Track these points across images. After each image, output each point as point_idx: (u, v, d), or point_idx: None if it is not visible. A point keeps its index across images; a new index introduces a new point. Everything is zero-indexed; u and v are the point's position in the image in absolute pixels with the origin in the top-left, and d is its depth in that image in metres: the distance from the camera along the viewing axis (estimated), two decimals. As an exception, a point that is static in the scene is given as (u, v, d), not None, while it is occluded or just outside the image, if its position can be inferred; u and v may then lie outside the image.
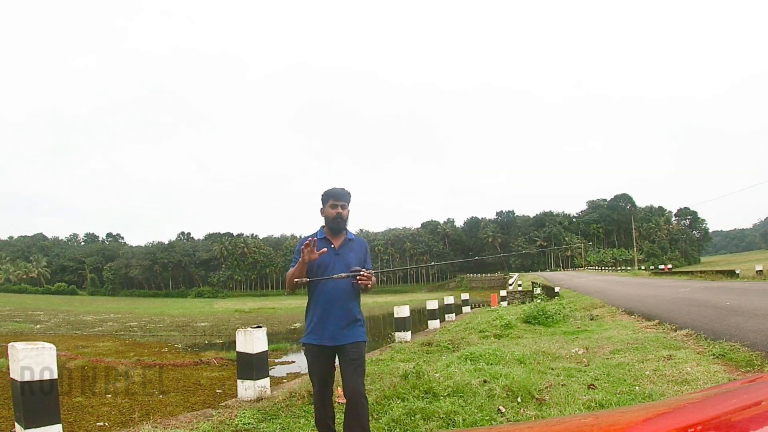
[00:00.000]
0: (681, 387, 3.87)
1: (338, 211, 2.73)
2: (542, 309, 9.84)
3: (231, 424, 3.63)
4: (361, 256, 2.78)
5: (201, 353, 12.31)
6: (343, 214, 2.75)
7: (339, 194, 2.74)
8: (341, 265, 2.66)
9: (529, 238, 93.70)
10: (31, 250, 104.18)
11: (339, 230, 2.76)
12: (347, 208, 2.78)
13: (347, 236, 2.79)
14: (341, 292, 2.66)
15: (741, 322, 6.81)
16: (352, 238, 2.81)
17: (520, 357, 5.35)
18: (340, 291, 2.65)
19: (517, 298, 21.30)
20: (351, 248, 2.77)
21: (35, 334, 19.26)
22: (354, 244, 2.79)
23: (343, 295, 2.66)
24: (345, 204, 2.76)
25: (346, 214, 2.77)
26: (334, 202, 2.74)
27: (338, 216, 2.73)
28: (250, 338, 4.57)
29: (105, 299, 70.09)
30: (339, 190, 2.76)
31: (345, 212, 2.76)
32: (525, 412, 3.51)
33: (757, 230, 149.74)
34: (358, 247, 2.80)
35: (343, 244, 2.76)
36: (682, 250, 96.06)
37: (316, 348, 2.68)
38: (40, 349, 3.09)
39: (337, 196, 2.74)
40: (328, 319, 2.65)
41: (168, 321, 27.05)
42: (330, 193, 2.75)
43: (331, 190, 2.75)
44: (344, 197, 2.76)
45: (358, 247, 2.80)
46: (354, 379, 2.62)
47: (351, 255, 2.73)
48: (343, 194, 2.75)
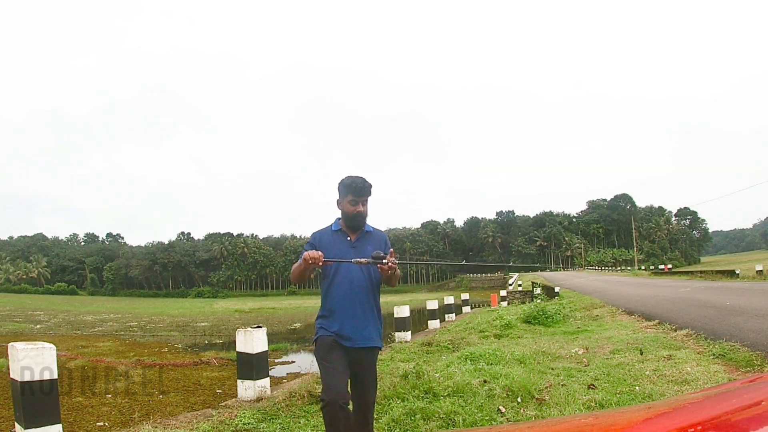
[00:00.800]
0: (681, 387, 3.86)
1: (358, 210, 2.44)
2: (542, 309, 9.84)
3: (231, 424, 3.62)
4: (380, 249, 2.47)
5: (201, 353, 12.31)
6: (363, 212, 2.47)
7: (360, 189, 2.43)
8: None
9: (529, 238, 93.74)
10: (31, 250, 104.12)
11: (358, 228, 2.50)
12: (367, 203, 2.50)
13: (365, 228, 2.52)
14: (359, 288, 2.40)
15: (741, 322, 6.81)
16: (370, 230, 2.54)
17: (520, 357, 5.35)
18: (357, 286, 2.40)
19: (517, 298, 21.28)
20: (369, 240, 2.49)
21: (35, 334, 19.27)
22: (372, 237, 2.52)
23: (362, 291, 2.41)
24: (366, 200, 2.49)
25: (366, 211, 2.49)
26: (354, 198, 2.44)
27: (358, 215, 2.45)
28: (250, 338, 4.57)
29: (105, 299, 70.11)
30: (360, 183, 2.43)
31: (365, 208, 2.48)
32: (525, 412, 3.51)
33: (757, 230, 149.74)
34: (376, 240, 2.52)
35: (359, 237, 2.50)
36: (682, 250, 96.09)
37: (331, 340, 2.40)
38: (40, 349, 3.09)
39: (358, 191, 2.43)
40: (344, 318, 2.39)
41: (168, 321, 27.06)
42: (350, 187, 2.43)
43: (352, 183, 2.43)
44: (365, 192, 2.46)
45: (376, 240, 2.52)
46: (369, 392, 2.43)
47: (369, 248, 2.43)
48: (365, 189, 2.45)
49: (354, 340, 2.39)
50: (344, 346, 2.38)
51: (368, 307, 2.44)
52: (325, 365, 2.36)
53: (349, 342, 2.38)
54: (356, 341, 2.39)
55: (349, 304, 2.40)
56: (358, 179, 2.45)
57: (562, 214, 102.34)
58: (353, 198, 2.44)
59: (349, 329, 2.38)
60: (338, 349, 2.38)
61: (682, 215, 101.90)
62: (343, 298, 2.40)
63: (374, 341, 2.46)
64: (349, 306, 2.40)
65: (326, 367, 2.35)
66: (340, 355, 2.36)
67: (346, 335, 2.38)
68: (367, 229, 2.52)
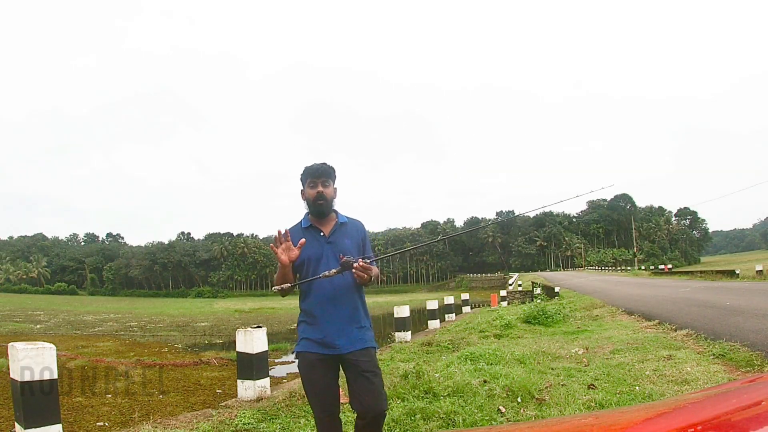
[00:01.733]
0: (681, 387, 3.86)
1: (318, 190, 2.23)
2: (542, 309, 9.84)
3: (231, 424, 3.62)
4: (358, 241, 2.29)
5: (201, 353, 12.31)
6: (325, 192, 2.24)
7: (317, 170, 2.25)
8: (336, 256, 2.17)
9: (529, 238, 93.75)
10: (31, 250, 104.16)
11: (324, 213, 2.26)
12: (331, 186, 2.28)
13: (339, 219, 2.29)
14: (341, 287, 2.18)
15: (741, 322, 6.81)
16: (345, 220, 2.31)
17: (520, 357, 5.35)
18: (339, 285, 2.17)
19: (517, 298, 21.29)
20: (345, 233, 2.27)
21: (35, 334, 19.27)
22: (348, 228, 2.29)
23: (344, 291, 2.18)
24: (327, 180, 2.26)
25: (330, 192, 2.27)
26: (313, 180, 2.25)
27: (319, 196, 2.23)
28: (250, 338, 4.57)
29: (105, 299, 70.10)
30: (317, 165, 2.26)
31: (328, 190, 2.26)
32: (525, 412, 3.51)
33: (757, 230, 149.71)
34: (353, 231, 2.30)
35: (334, 230, 2.27)
36: (682, 250, 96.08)
37: (314, 357, 2.17)
38: (40, 349, 3.09)
39: (315, 173, 2.25)
40: (327, 322, 2.16)
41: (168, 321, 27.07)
42: (307, 171, 2.27)
43: (309, 167, 2.27)
44: (324, 173, 2.26)
45: (353, 231, 2.30)
46: (377, 395, 2.12)
47: (346, 241, 2.24)
48: (323, 169, 2.26)
49: (341, 347, 2.16)
50: (331, 356, 2.17)
51: (353, 308, 2.20)
52: (311, 404, 2.23)
53: (335, 350, 2.16)
54: (344, 347, 2.16)
55: (332, 307, 2.17)
56: (316, 163, 2.28)
57: (562, 214, 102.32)
58: (312, 180, 2.25)
59: (334, 335, 2.15)
60: (317, 370, 2.18)
61: (682, 215, 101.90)
62: (324, 300, 2.17)
63: (365, 342, 2.20)
64: (332, 310, 2.17)
65: (313, 412, 2.23)
66: (320, 380, 2.18)
67: (332, 343, 2.15)
68: (341, 220, 2.30)
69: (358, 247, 2.29)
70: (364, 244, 2.31)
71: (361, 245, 2.30)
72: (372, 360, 2.19)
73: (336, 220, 2.29)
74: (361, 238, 2.31)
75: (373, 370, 2.16)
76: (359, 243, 2.30)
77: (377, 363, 2.21)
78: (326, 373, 2.18)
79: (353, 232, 2.30)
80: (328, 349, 2.16)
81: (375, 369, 2.17)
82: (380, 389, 2.15)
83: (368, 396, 2.12)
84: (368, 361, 2.16)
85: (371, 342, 2.23)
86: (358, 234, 2.31)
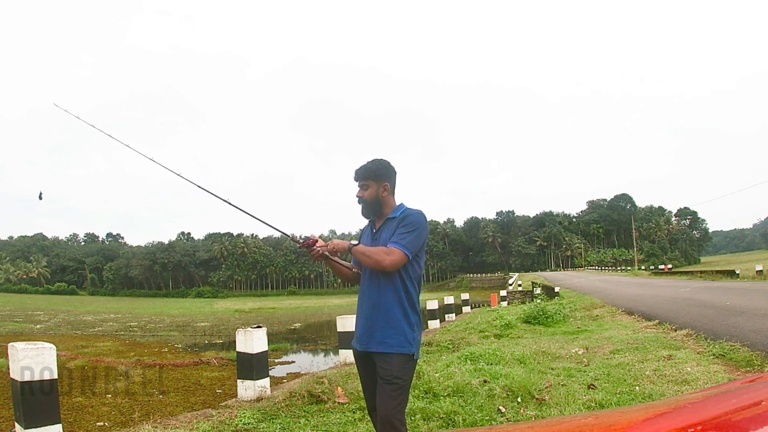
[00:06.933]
0: (681, 387, 3.87)
1: (357, 195, 2.26)
2: (542, 309, 9.84)
3: (231, 424, 3.62)
4: (393, 230, 2.20)
5: (201, 353, 12.31)
6: (364, 196, 2.24)
7: (356, 173, 2.25)
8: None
9: (529, 238, 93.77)
10: (31, 250, 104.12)
11: (366, 215, 2.30)
12: (373, 186, 2.23)
13: (391, 215, 2.26)
14: (367, 281, 2.18)
15: (741, 322, 6.81)
16: (395, 215, 2.23)
17: (520, 357, 5.35)
18: (369, 282, 2.16)
19: (517, 298, 21.28)
20: (388, 227, 2.24)
21: (35, 334, 19.27)
22: (393, 222, 2.23)
23: (369, 285, 2.17)
24: (365, 182, 2.23)
25: (369, 194, 2.23)
26: (357, 183, 2.27)
27: (359, 200, 2.27)
28: (250, 338, 4.57)
29: (105, 299, 70.10)
30: (359, 167, 2.25)
31: (367, 193, 2.23)
32: (525, 412, 3.51)
33: (757, 230, 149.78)
34: (395, 224, 2.23)
35: (382, 225, 2.27)
36: (682, 250, 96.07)
37: (355, 352, 2.25)
38: (40, 349, 3.09)
39: (355, 176, 2.26)
40: (359, 317, 2.21)
41: (168, 321, 27.05)
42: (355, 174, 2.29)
43: (356, 169, 2.29)
44: (361, 175, 2.23)
45: (395, 224, 2.23)
46: (383, 402, 2.04)
47: (384, 235, 2.21)
48: (360, 172, 2.24)
49: (363, 343, 2.15)
50: (365, 353, 2.17)
51: (381, 305, 2.12)
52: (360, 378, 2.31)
53: (360, 345, 2.18)
54: (365, 344, 2.14)
55: (363, 302, 2.20)
56: (363, 164, 2.27)
57: (562, 214, 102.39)
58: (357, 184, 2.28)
59: (361, 332, 2.18)
60: (360, 363, 2.24)
61: (682, 215, 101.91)
62: (360, 295, 2.23)
63: (387, 346, 2.08)
64: (363, 305, 2.19)
65: (361, 379, 2.31)
66: (362, 373, 2.25)
67: (358, 336, 2.20)
68: (392, 215, 2.23)
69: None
70: (395, 231, 2.19)
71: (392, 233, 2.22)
72: (388, 367, 2.05)
73: (386, 215, 2.26)
74: (396, 225, 2.19)
75: (386, 377, 2.04)
76: (392, 232, 2.20)
77: (396, 372, 2.04)
78: (366, 370, 2.20)
79: (395, 225, 2.20)
80: (360, 345, 2.18)
81: (388, 377, 2.04)
82: (388, 399, 2.03)
83: (378, 401, 2.07)
84: (384, 368, 2.06)
85: (396, 347, 2.07)
86: (395, 224, 2.21)
